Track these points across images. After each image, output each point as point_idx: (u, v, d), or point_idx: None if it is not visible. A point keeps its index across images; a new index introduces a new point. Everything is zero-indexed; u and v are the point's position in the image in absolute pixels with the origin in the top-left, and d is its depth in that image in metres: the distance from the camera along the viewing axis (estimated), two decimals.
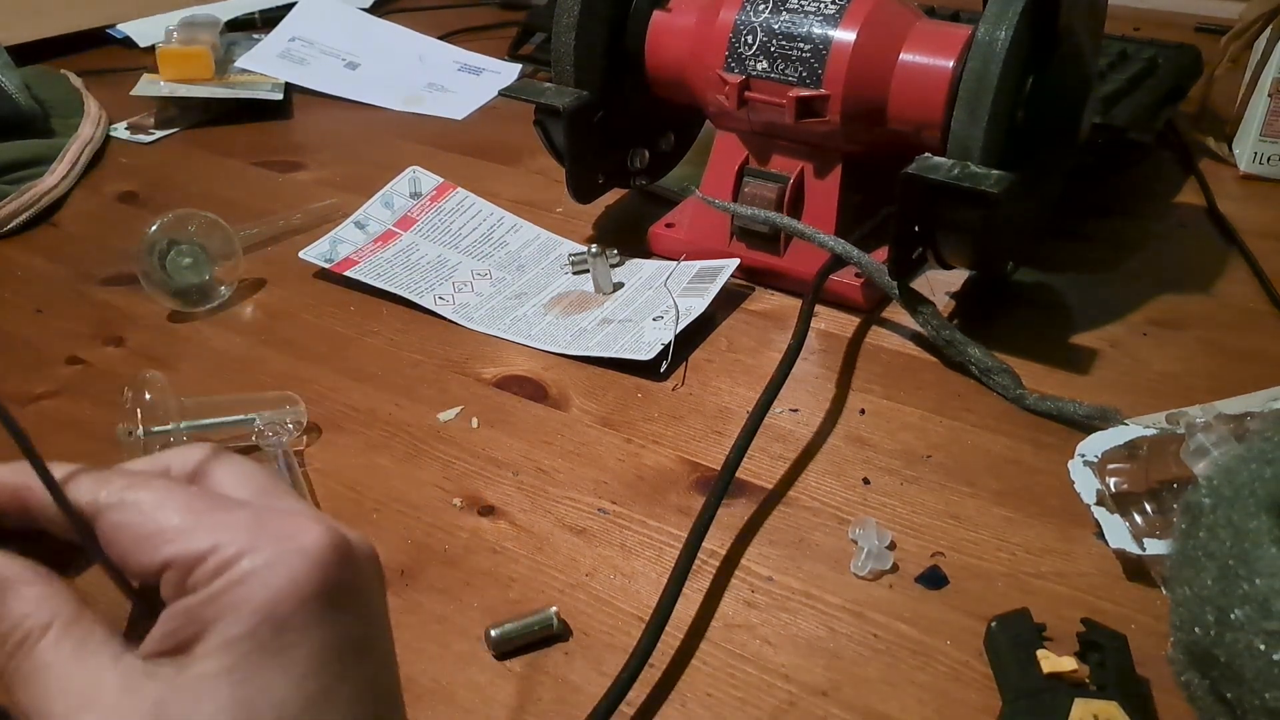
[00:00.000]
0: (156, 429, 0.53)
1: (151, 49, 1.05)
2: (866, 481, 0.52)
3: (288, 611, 0.24)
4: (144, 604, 0.26)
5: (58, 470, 0.26)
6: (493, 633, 0.44)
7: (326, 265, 0.71)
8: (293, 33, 1.11)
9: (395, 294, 0.68)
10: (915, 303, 0.60)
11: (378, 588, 0.27)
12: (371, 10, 1.21)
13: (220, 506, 0.26)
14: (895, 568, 0.47)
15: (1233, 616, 0.33)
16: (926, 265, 0.62)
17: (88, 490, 0.26)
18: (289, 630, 0.24)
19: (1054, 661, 0.39)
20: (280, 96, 1.01)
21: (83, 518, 0.25)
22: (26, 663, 0.24)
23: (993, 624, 0.42)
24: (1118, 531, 0.46)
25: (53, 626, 0.25)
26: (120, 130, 0.96)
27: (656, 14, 0.68)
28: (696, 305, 0.63)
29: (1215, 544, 0.35)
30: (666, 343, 0.61)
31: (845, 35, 0.61)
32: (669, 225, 0.72)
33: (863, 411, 0.57)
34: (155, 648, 0.24)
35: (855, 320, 0.65)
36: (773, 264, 0.67)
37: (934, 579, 0.46)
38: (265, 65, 1.05)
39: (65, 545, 0.27)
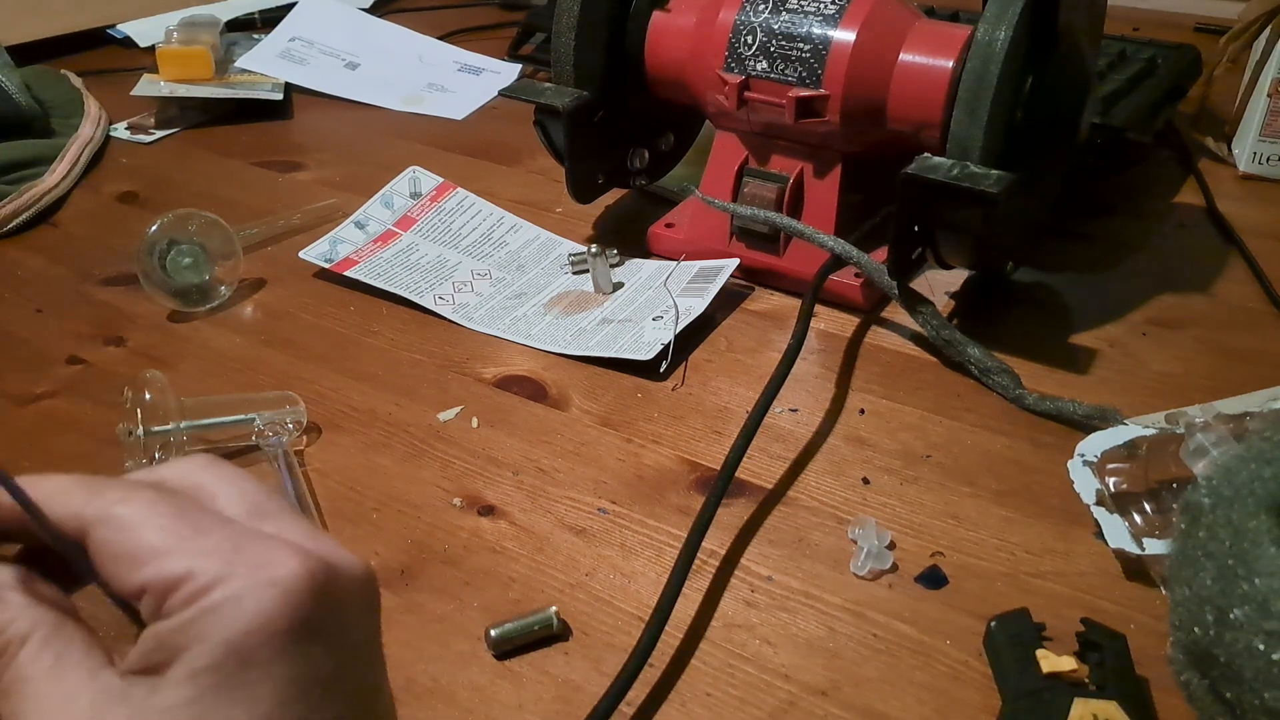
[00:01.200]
0: (156, 429, 0.53)
1: (151, 49, 1.05)
2: (866, 481, 0.52)
3: (254, 645, 0.23)
4: (140, 621, 0.26)
5: (53, 481, 0.26)
6: (493, 633, 0.44)
7: (326, 265, 0.71)
8: (293, 33, 1.11)
9: (395, 294, 0.68)
10: (915, 302, 0.60)
11: (361, 618, 0.27)
12: (371, 10, 1.21)
13: (201, 528, 0.25)
14: (895, 567, 0.47)
15: (1232, 616, 0.33)
16: (926, 265, 0.62)
17: (79, 503, 0.25)
18: (254, 665, 0.23)
19: (1053, 661, 0.39)
20: (280, 96, 1.01)
21: (70, 540, 0.25)
22: (5, 674, 0.24)
23: (992, 624, 0.42)
24: (1117, 531, 0.46)
25: (32, 637, 0.24)
26: (120, 130, 0.96)
27: (656, 14, 0.68)
28: (696, 305, 0.63)
29: (1215, 544, 0.35)
30: (666, 343, 0.61)
31: (845, 35, 0.61)
32: (669, 225, 0.72)
33: (862, 411, 0.57)
34: (130, 669, 0.24)
35: (855, 320, 0.65)
36: (772, 264, 0.67)
37: (934, 579, 0.46)
38: (265, 65, 1.05)
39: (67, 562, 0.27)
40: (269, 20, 1.15)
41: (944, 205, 0.55)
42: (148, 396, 0.53)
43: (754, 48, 0.63)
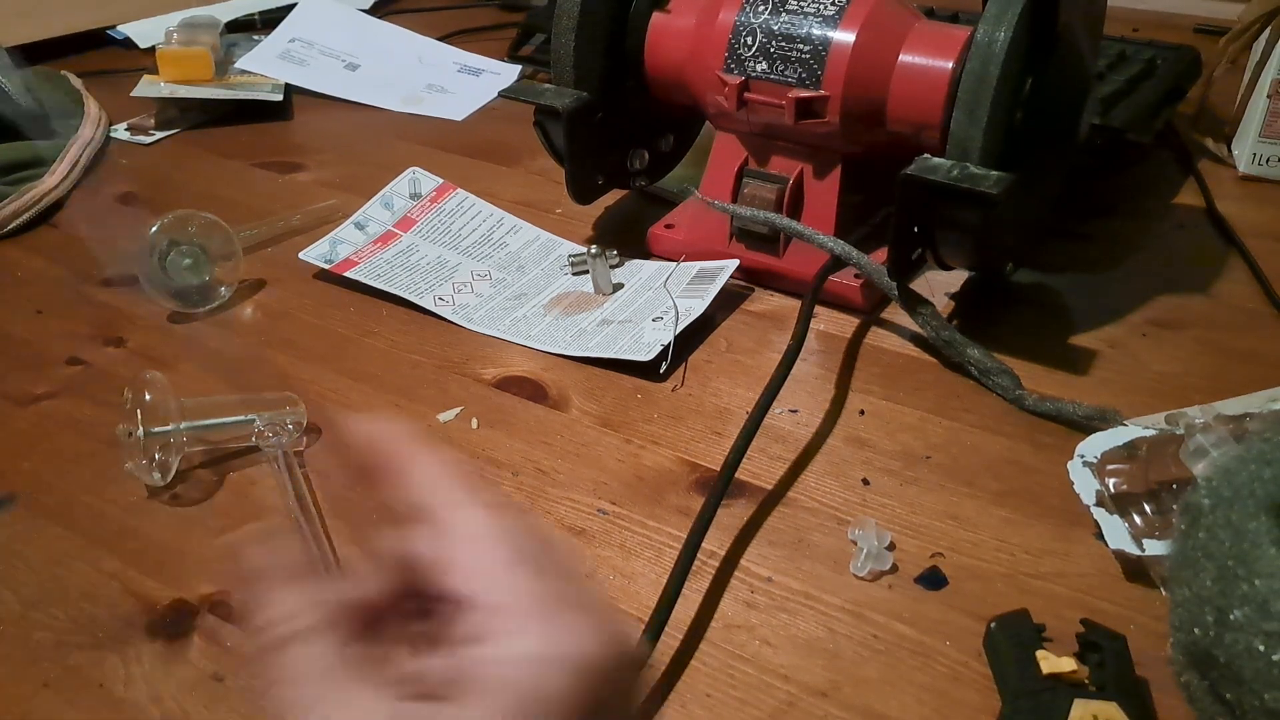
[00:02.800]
0: (156, 429, 0.53)
1: (152, 50, 1.05)
2: (866, 482, 0.52)
3: None
4: None
5: None
6: None
7: (326, 266, 0.71)
8: (293, 34, 1.11)
9: (395, 295, 0.68)
10: (915, 303, 0.60)
11: None
12: (371, 11, 1.21)
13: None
14: (895, 568, 0.47)
15: (1232, 617, 0.33)
16: (926, 266, 0.62)
17: None
18: None
19: (1053, 662, 0.39)
20: (280, 97, 1.01)
21: None
22: (288, 655, 0.24)
23: (992, 624, 0.42)
24: (1117, 532, 0.46)
25: (323, 637, 0.25)
26: (120, 131, 0.96)
27: (656, 15, 0.68)
28: (696, 306, 0.63)
29: (1214, 545, 0.35)
30: (666, 343, 0.61)
31: (845, 36, 0.61)
32: (668, 226, 0.72)
33: (862, 412, 0.57)
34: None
35: (855, 321, 0.65)
36: (772, 265, 0.67)
37: (933, 579, 0.46)
38: (265, 66, 1.05)
39: None
40: (269, 21, 1.15)
41: (944, 206, 0.55)
42: (148, 397, 0.53)
43: (754, 49, 0.63)
